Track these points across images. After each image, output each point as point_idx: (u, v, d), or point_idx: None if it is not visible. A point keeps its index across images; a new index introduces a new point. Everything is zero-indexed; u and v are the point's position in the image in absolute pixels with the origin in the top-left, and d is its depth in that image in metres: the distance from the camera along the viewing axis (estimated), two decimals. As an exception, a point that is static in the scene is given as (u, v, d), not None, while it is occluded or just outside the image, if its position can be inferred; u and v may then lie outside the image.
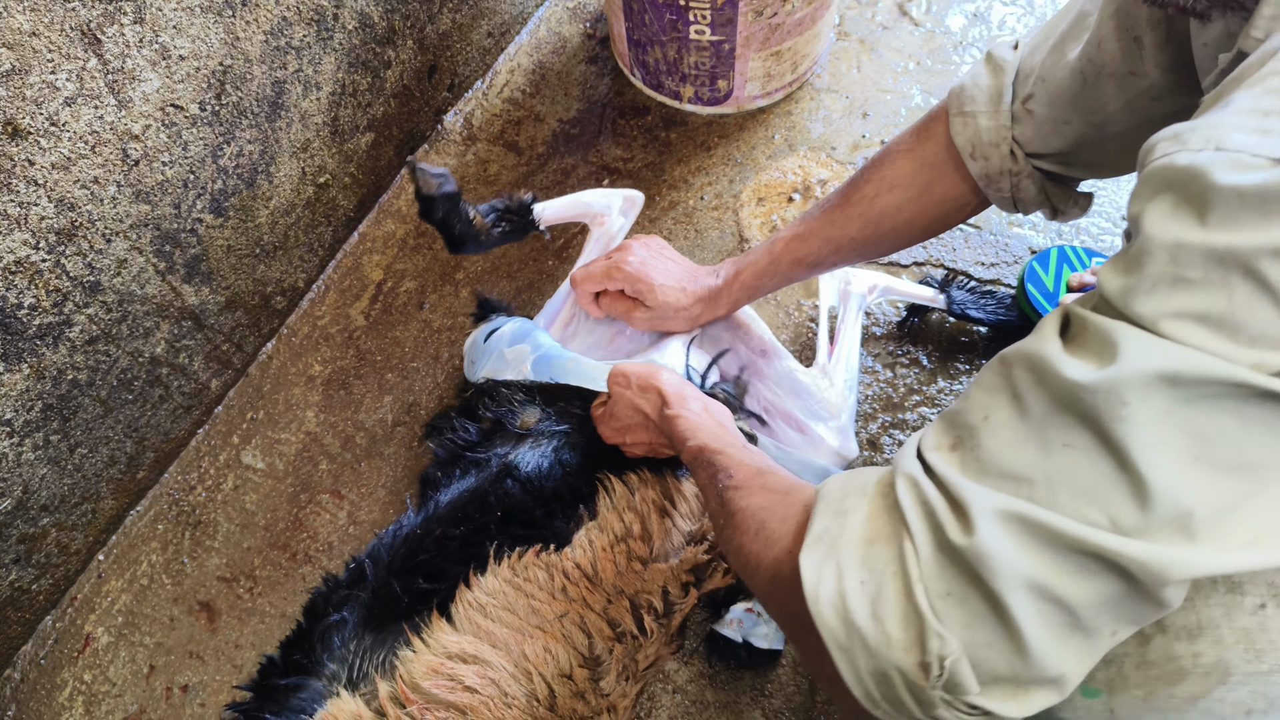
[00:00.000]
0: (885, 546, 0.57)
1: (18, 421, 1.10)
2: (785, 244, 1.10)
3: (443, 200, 1.11)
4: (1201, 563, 0.48)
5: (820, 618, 0.57)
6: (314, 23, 1.25)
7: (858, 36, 1.69)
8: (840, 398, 1.21)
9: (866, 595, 0.56)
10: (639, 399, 1.00)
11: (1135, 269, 0.50)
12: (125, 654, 1.30)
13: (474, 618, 0.98)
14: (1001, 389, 0.56)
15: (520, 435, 1.12)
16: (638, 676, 1.05)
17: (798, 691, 1.16)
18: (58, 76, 0.94)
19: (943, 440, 0.59)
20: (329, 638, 0.98)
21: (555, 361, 1.13)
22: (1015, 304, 1.35)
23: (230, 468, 1.41)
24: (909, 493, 0.57)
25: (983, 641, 0.52)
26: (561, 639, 0.98)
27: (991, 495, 0.52)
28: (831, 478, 0.67)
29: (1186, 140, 0.50)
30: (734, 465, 0.82)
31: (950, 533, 0.53)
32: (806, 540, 0.62)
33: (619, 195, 1.28)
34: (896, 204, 1.01)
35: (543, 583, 1.01)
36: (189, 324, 1.29)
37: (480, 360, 1.20)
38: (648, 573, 1.03)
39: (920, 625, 0.53)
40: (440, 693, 0.92)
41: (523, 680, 0.95)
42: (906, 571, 0.55)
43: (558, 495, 1.06)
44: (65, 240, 1.04)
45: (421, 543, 1.03)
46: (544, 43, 1.76)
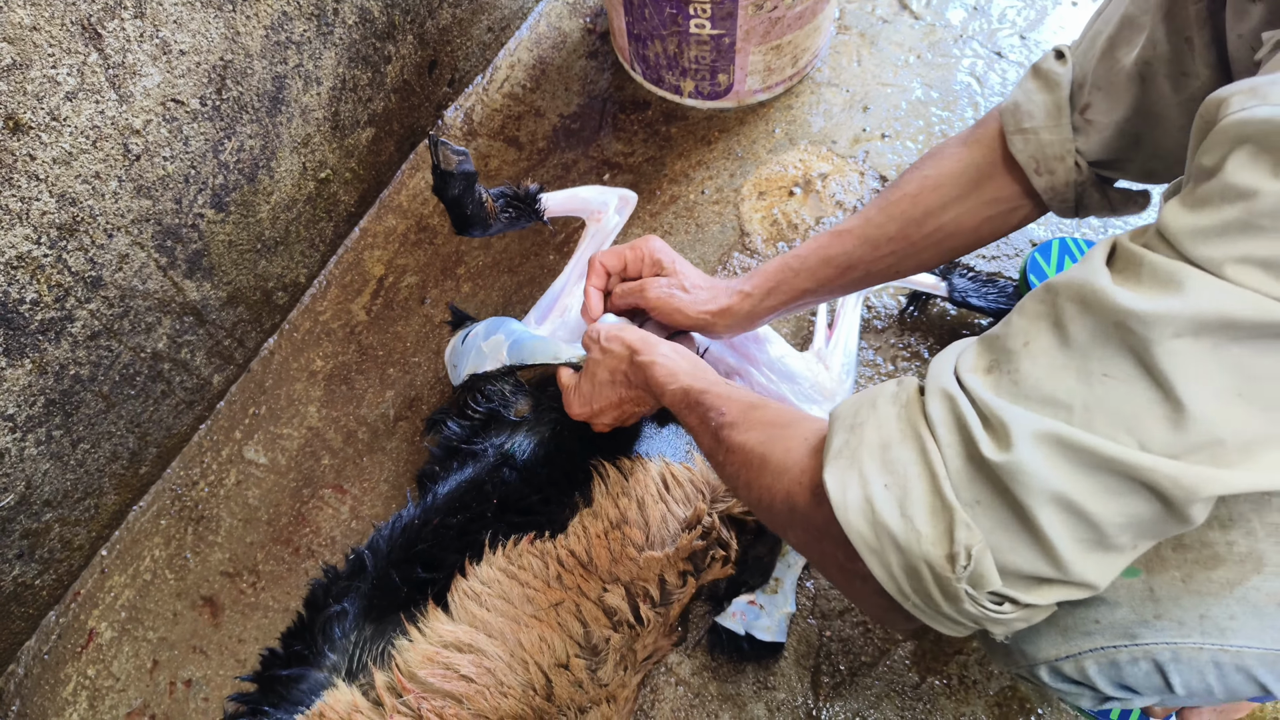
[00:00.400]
0: (903, 449, 0.59)
1: (20, 417, 1.11)
2: (815, 240, 1.04)
3: (460, 178, 1.12)
4: (1232, 480, 0.50)
5: (850, 525, 0.60)
6: (314, 17, 1.25)
7: (858, 30, 1.69)
8: (835, 382, 1.21)
9: (893, 496, 0.58)
10: (606, 352, 0.99)
11: (1207, 210, 0.51)
12: (129, 649, 1.30)
13: (469, 607, 0.98)
14: (1044, 316, 0.57)
15: (515, 423, 1.12)
16: (637, 667, 1.06)
17: (800, 684, 1.17)
18: (58, 71, 0.94)
19: (979, 362, 0.60)
20: (329, 629, 0.99)
21: (526, 344, 1.15)
22: (1017, 294, 1.35)
23: (233, 463, 1.41)
24: (942, 406, 0.58)
25: (1008, 545, 0.55)
26: (557, 628, 0.98)
27: (1030, 417, 0.54)
28: (844, 401, 0.69)
29: (1266, 94, 0.51)
30: (724, 402, 0.83)
31: (984, 448, 0.54)
32: (827, 457, 0.63)
33: (615, 194, 1.31)
34: (942, 202, 0.97)
35: (537, 570, 1.01)
36: (191, 319, 1.29)
37: (461, 362, 1.21)
38: (643, 560, 1.03)
39: (949, 517, 0.56)
40: (436, 682, 0.93)
41: (519, 669, 0.96)
42: (932, 469, 0.57)
43: (553, 481, 1.07)
44: (67, 235, 1.04)
45: (420, 532, 1.04)
46: (544, 38, 1.76)
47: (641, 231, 1.53)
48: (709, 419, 0.83)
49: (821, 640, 1.19)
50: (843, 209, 1.50)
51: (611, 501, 1.06)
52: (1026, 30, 1.65)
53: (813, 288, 1.04)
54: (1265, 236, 0.49)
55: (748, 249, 1.48)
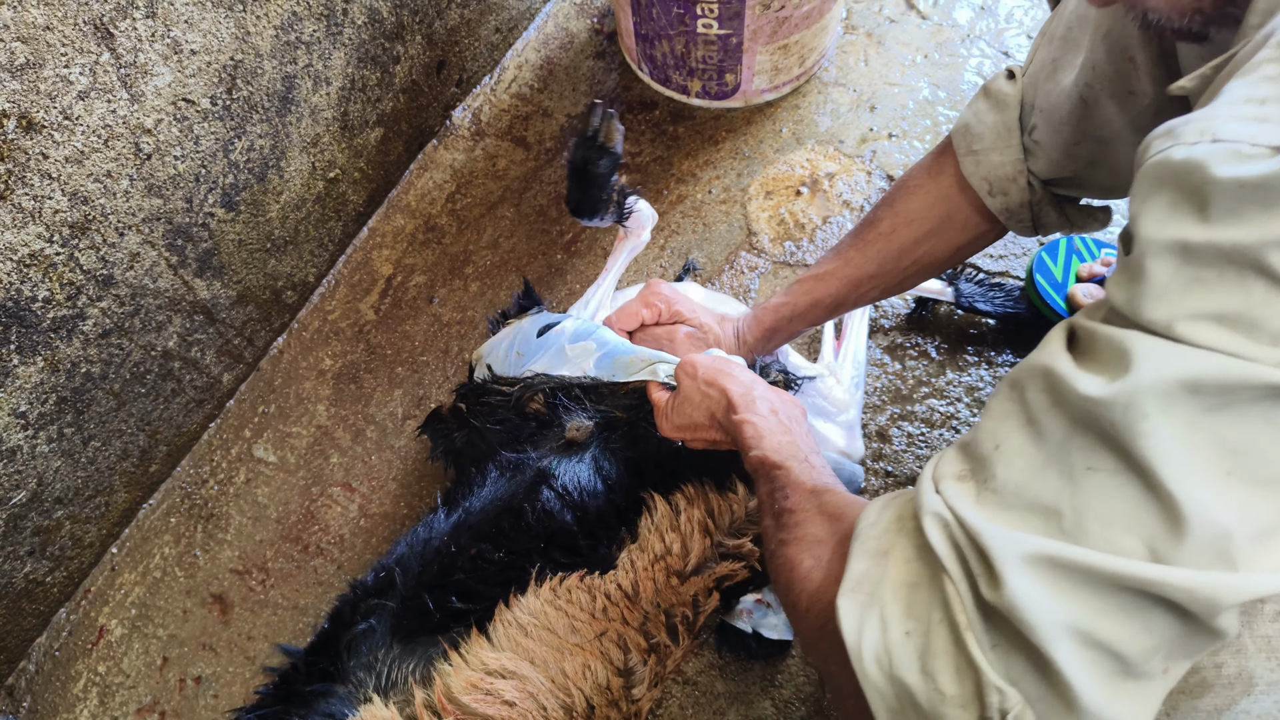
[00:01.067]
0: (928, 592, 0.53)
1: (32, 414, 1.11)
2: (801, 285, 1.08)
3: (611, 158, 1.10)
4: (1255, 585, 0.45)
5: (864, 675, 0.53)
6: (324, 18, 1.26)
7: (865, 30, 1.69)
8: (847, 394, 1.21)
9: (913, 648, 0.52)
10: (705, 395, 0.95)
11: (1140, 275, 0.48)
12: (139, 646, 1.31)
13: (514, 636, 0.97)
14: (1012, 414, 0.53)
15: (565, 444, 1.09)
16: (664, 679, 1.06)
17: (807, 682, 1.17)
18: (71, 70, 0.95)
19: (952, 468, 0.55)
20: (357, 645, 0.97)
21: (622, 357, 1.08)
22: (1023, 296, 1.35)
23: (242, 461, 1.42)
24: (938, 534, 0.53)
25: (1034, 696, 0.48)
26: (600, 656, 0.98)
27: (1015, 539, 0.48)
28: (869, 507, 0.63)
29: (1180, 134, 0.47)
30: (791, 485, 0.78)
31: (982, 586, 0.49)
32: (844, 584, 0.57)
33: (651, 210, 1.32)
34: (914, 238, 1.00)
35: (584, 604, 1.00)
36: (201, 318, 1.30)
37: (531, 355, 1.15)
38: (684, 586, 1.03)
39: (976, 679, 0.49)
40: (479, 706, 0.92)
41: (560, 695, 0.95)
42: (953, 620, 0.50)
43: (602, 519, 1.03)
44: (79, 234, 1.05)
45: (456, 559, 1.01)
46: (551, 38, 1.76)
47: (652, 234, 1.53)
48: (775, 498, 0.79)
49: (829, 638, 1.19)
50: (850, 208, 1.50)
51: (658, 536, 1.05)
52: (1034, 30, 1.65)
53: (806, 326, 1.12)
54: (1209, 289, 0.45)
55: (755, 248, 1.49)
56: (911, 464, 1.29)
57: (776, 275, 1.46)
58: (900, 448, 1.30)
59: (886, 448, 1.30)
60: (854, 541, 0.60)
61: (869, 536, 0.59)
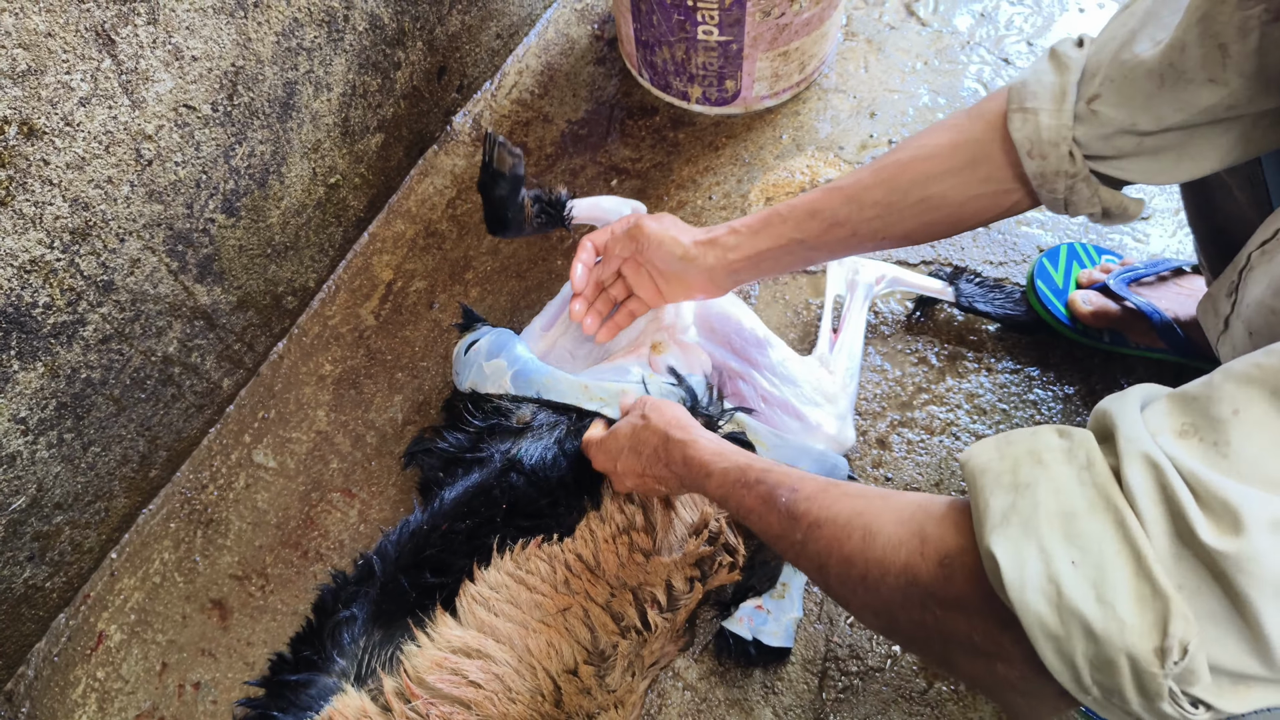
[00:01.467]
0: (1094, 522, 0.52)
1: (32, 420, 1.11)
2: (808, 195, 1.01)
3: (509, 180, 1.13)
4: None
5: (1026, 606, 0.52)
6: (325, 24, 1.26)
7: (865, 36, 1.69)
8: (839, 386, 1.22)
9: (1085, 577, 0.51)
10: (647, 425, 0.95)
11: None
12: (138, 651, 1.31)
13: (477, 611, 0.98)
14: (1259, 381, 0.50)
15: (519, 430, 1.13)
16: (644, 672, 1.06)
17: (808, 689, 1.17)
18: (72, 77, 0.95)
19: (1171, 423, 0.53)
20: (338, 634, 0.99)
21: (534, 376, 1.14)
22: (1024, 299, 1.35)
23: (242, 466, 1.42)
24: (1145, 475, 0.51)
25: (1215, 638, 0.48)
26: (565, 633, 0.99)
27: (1264, 499, 0.47)
28: (979, 451, 0.61)
29: None
30: (795, 480, 0.76)
31: (1202, 531, 0.48)
32: (988, 522, 0.55)
33: (629, 204, 1.32)
34: (932, 172, 0.93)
35: (545, 575, 1.01)
36: (201, 323, 1.30)
37: (464, 371, 1.22)
38: (650, 565, 1.03)
39: (1165, 607, 0.49)
40: (445, 687, 0.93)
41: (527, 675, 0.96)
42: (1138, 549, 0.50)
43: (563, 483, 1.07)
44: (79, 239, 1.05)
45: (428, 538, 1.04)
46: (552, 44, 1.77)
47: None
48: (776, 496, 0.76)
49: (829, 644, 1.19)
50: (850, 214, 1.50)
51: (618, 506, 1.06)
52: (1034, 37, 1.65)
53: (800, 237, 1.01)
54: None
55: (755, 254, 1.49)
56: (911, 471, 1.29)
57: (776, 281, 1.46)
58: (900, 455, 1.30)
59: (886, 455, 1.30)
60: (979, 479, 0.58)
61: (999, 472, 0.57)
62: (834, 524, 0.69)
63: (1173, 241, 1.44)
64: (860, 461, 1.30)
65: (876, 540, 0.65)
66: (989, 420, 1.31)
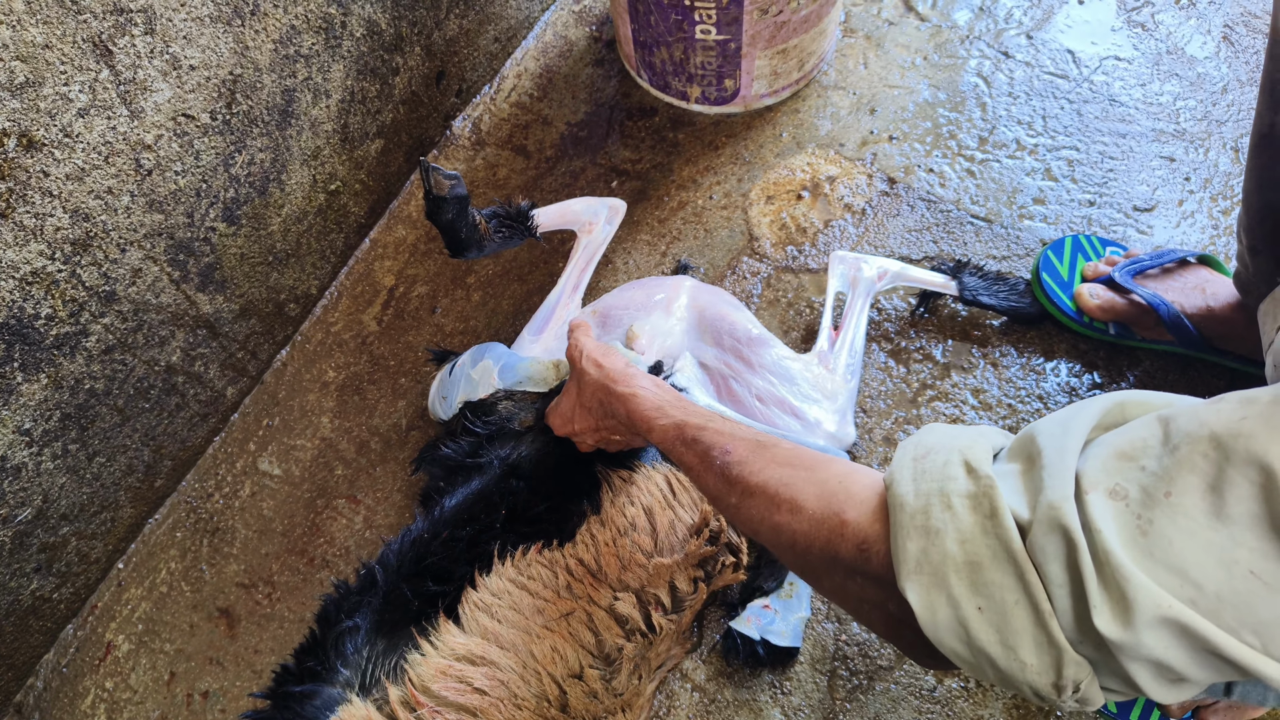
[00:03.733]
0: (997, 573, 0.56)
1: (37, 431, 1.12)
2: None
3: (452, 203, 1.12)
4: None
5: (941, 643, 0.58)
6: (322, 31, 1.26)
7: (864, 33, 1.69)
8: (838, 382, 1.21)
9: (990, 623, 0.56)
10: (585, 376, 0.95)
11: None
12: (146, 661, 1.31)
13: (480, 619, 0.98)
14: (1200, 470, 0.50)
15: (519, 434, 1.12)
16: (651, 675, 1.05)
17: (816, 689, 1.16)
18: (70, 88, 0.95)
19: (1106, 480, 0.54)
20: (342, 644, 0.98)
21: (517, 365, 1.16)
22: (1028, 290, 1.34)
23: (247, 474, 1.42)
24: (1059, 548, 0.53)
25: (1103, 681, 0.55)
26: (569, 638, 0.98)
27: (1156, 594, 0.49)
28: (895, 474, 0.64)
29: None
30: (727, 440, 0.78)
31: (1097, 616, 0.51)
32: (903, 567, 0.59)
33: (604, 204, 1.31)
34: None
35: (547, 580, 1.01)
36: (204, 332, 1.30)
37: (453, 392, 1.22)
38: (652, 566, 1.03)
39: (1057, 655, 0.54)
40: (450, 695, 0.92)
41: (532, 681, 0.95)
42: (1035, 603, 0.54)
43: (560, 490, 1.07)
44: (80, 250, 1.05)
45: (429, 545, 1.04)
46: (550, 47, 1.76)
47: (649, 239, 1.53)
48: (711, 457, 0.78)
49: (837, 644, 1.18)
50: (851, 211, 1.50)
51: (618, 509, 1.06)
52: (1033, 30, 1.65)
53: None
54: None
55: (756, 253, 1.48)
56: (917, 467, 1.28)
57: (779, 279, 1.46)
58: (906, 451, 1.29)
59: (892, 452, 1.30)
60: (897, 513, 0.62)
61: (913, 511, 0.61)
62: (763, 493, 0.73)
63: (1177, 233, 1.43)
64: (867, 460, 1.29)
65: (801, 514, 0.70)
66: (995, 415, 1.30)
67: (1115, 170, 1.48)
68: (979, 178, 1.50)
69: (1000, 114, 1.56)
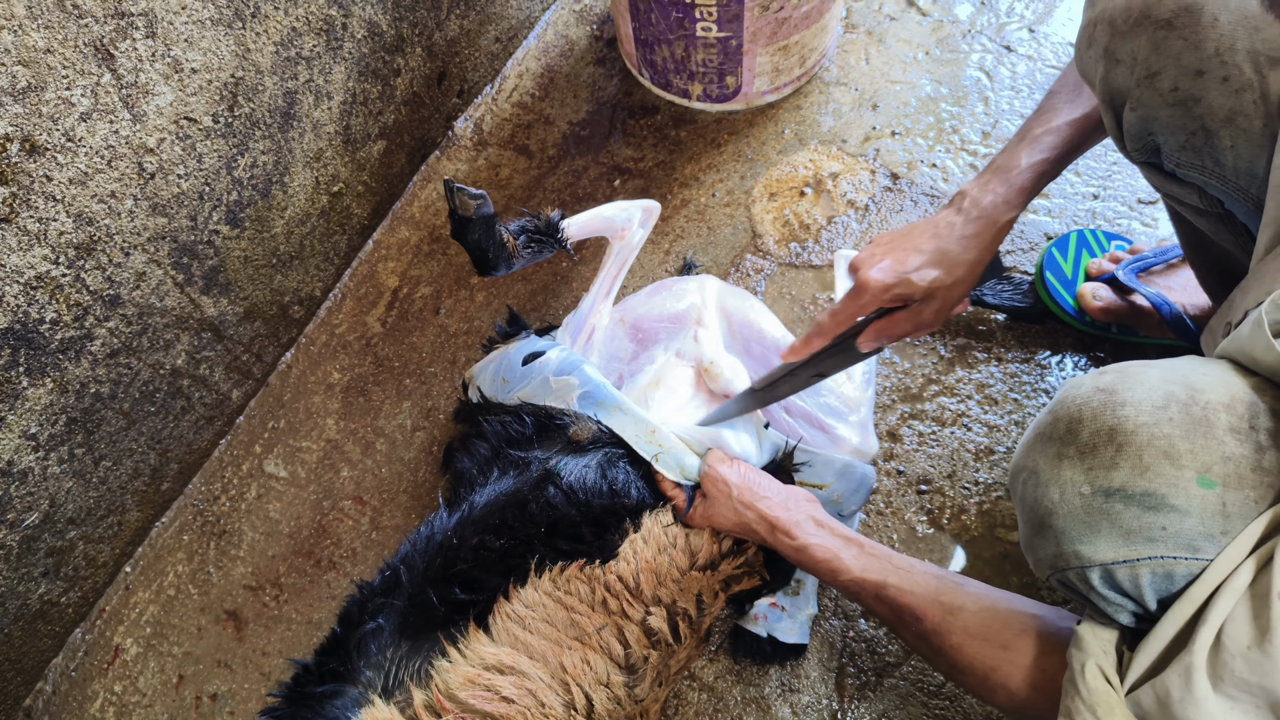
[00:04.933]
0: None
1: (43, 435, 1.12)
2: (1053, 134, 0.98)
3: (479, 223, 1.07)
4: None
5: None
6: (323, 33, 1.26)
7: (865, 28, 1.69)
8: (858, 392, 1.20)
9: None
10: (741, 515, 1.03)
11: None
12: (154, 664, 1.31)
13: (512, 630, 0.97)
14: None
15: (569, 443, 1.10)
16: (669, 681, 1.05)
17: (825, 686, 1.16)
18: (73, 92, 0.95)
19: None
20: (365, 645, 0.97)
21: (604, 403, 1.11)
22: (1032, 290, 1.34)
23: (253, 477, 1.42)
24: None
25: None
26: (600, 650, 0.98)
27: None
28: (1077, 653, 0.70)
29: None
30: (915, 603, 0.88)
31: None
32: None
33: (638, 207, 1.24)
34: None
35: (584, 596, 1.00)
36: (208, 335, 1.30)
37: (516, 382, 1.17)
38: (685, 581, 1.03)
39: None
40: (477, 703, 0.92)
41: (560, 691, 0.95)
42: None
43: (607, 511, 1.04)
44: (84, 255, 1.05)
45: (459, 551, 1.02)
46: (551, 46, 1.76)
47: (653, 237, 1.53)
48: (905, 621, 0.89)
49: (845, 641, 1.18)
50: (854, 208, 1.50)
51: (660, 528, 1.05)
52: (1035, 23, 1.64)
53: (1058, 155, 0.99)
54: None
55: (760, 250, 1.48)
56: (923, 463, 1.28)
57: (783, 276, 1.45)
58: (911, 447, 1.29)
59: (898, 447, 1.29)
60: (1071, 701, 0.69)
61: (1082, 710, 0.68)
62: (973, 673, 0.83)
63: (1182, 225, 1.43)
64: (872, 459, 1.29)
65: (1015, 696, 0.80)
66: (1001, 410, 1.30)
67: (1119, 163, 1.48)
68: (982, 172, 1.49)
69: (1003, 108, 1.55)
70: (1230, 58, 0.70)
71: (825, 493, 1.12)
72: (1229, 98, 0.71)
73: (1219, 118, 0.72)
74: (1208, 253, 1.02)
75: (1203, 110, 0.73)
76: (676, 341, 1.20)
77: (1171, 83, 0.74)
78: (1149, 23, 0.75)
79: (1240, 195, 0.75)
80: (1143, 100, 0.76)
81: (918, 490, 1.26)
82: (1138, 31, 0.76)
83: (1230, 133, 0.72)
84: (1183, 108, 0.74)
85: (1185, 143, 0.75)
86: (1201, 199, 0.80)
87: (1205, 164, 0.75)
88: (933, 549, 1.22)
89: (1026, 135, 1.00)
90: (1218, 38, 0.71)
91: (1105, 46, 0.79)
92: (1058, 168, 0.99)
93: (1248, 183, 0.74)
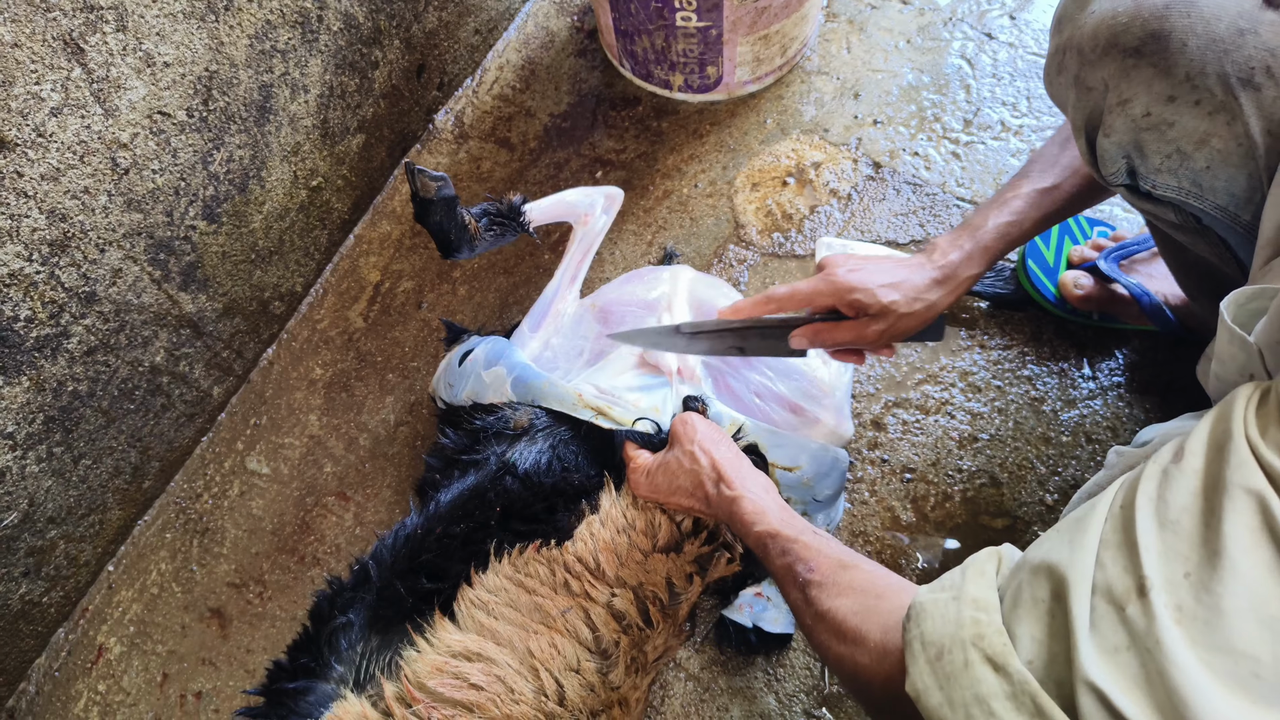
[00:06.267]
0: None
1: (20, 434, 1.11)
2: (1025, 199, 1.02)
3: (440, 204, 1.10)
4: None
5: None
6: (298, 25, 1.25)
7: (846, 17, 1.68)
8: (834, 376, 1.20)
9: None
10: (695, 461, 0.99)
11: None
12: (138, 663, 1.30)
13: (477, 616, 0.98)
14: None
15: (516, 435, 1.11)
16: (648, 668, 1.05)
17: (810, 674, 1.16)
18: (42, 87, 0.94)
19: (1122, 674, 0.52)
20: (335, 640, 0.98)
21: (533, 383, 1.13)
22: (1013, 277, 1.34)
23: (235, 474, 1.41)
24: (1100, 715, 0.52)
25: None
26: (566, 633, 0.98)
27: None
28: (917, 679, 0.61)
29: None
30: (813, 557, 0.82)
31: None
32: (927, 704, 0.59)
33: (600, 193, 1.27)
34: None
35: (545, 578, 1.01)
36: (187, 332, 1.29)
37: (459, 383, 1.20)
38: (649, 563, 1.03)
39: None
40: (446, 691, 0.92)
41: (529, 676, 0.95)
42: None
43: (559, 490, 1.06)
44: (58, 251, 1.04)
45: (423, 542, 1.03)
46: (532, 38, 1.75)
47: (635, 229, 1.52)
48: (796, 572, 0.82)
49: (830, 630, 1.18)
50: (837, 197, 1.49)
51: (620, 510, 1.05)
52: (1016, 11, 1.64)
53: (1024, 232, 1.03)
54: None
55: (743, 241, 1.48)
56: (907, 451, 1.28)
57: (766, 267, 1.45)
58: (895, 435, 1.29)
59: (882, 436, 1.29)
60: (911, 646, 0.61)
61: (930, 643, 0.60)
62: (833, 617, 0.75)
63: (1163, 211, 1.43)
64: (856, 444, 1.29)
65: (863, 645, 0.70)
66: (984, 397, 1.30)
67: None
68: (964, 160, 1.49)
69: (985, 96, 1.55)
70: (1201, 81, 0.71)
71: (796, 475, 1.12)
72: (1202, 120, 0.71)
73: (1193, 140, 0.72)
74: (1183, 257, 1.02)
75: (1177, 134, 0.73)
76: None
77: (1144, 109, 0.74)
78: (1117, 51, 0.75)
79: (1218, 212, 0.75)
80: (1116, 126, 0.77)
81: (902, 478, 1.26)
82: (1106, 60, 0.76)
83: (1205, 154, 0.72)
84: (1156, 132, 0.74)
85: (1161, 165, 0.76)
86: (1178, 215, 0.80)
87: (1182, 185, 0.75)
88: (917, 536, 1.22)
89: (999, 197, 1.04)
90: (1187, 63, 0.71)
91: (1075, 75, 0.80)
92: (1027, 231, 1.02)
93: (1226, 200, 0.74)
